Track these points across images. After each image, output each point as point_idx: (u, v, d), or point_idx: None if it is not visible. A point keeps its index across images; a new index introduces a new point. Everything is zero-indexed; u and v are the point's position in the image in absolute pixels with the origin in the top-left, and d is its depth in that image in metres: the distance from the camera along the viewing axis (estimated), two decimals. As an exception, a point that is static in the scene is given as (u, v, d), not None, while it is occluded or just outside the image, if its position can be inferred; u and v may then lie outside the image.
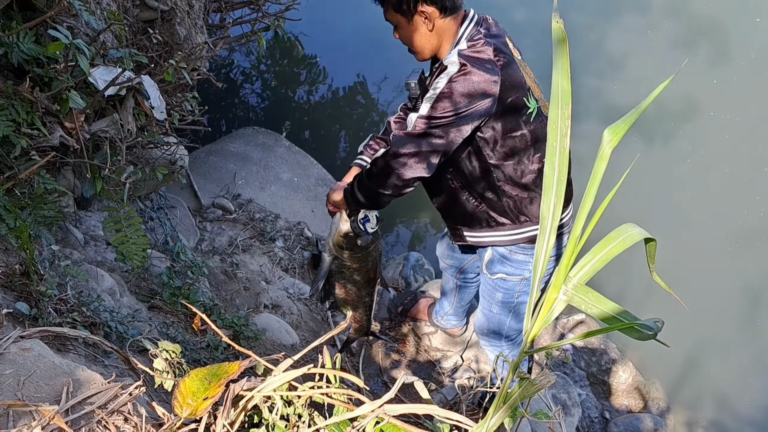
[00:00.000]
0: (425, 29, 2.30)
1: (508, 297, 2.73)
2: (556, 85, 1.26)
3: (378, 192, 2.34)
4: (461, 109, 2.19)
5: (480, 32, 2.29)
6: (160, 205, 3.80)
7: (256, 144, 4.81)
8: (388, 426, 1.37)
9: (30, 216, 2.38)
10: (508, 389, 1.36)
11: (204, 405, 1.38)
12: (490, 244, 2.62)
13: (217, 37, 3.78)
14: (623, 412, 4.14)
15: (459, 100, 2.18)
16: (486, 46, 2.24)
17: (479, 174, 2.43)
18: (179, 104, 3.20)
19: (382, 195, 2.35)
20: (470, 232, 2.64)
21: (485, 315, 2.90)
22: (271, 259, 4.06)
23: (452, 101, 2.18)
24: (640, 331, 1.17)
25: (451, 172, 2.46)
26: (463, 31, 2.30)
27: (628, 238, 1.20)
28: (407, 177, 2.26)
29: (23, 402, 1.43)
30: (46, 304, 2.24)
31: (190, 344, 2.84)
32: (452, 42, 2.32)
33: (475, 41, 2.26)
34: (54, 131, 2.39)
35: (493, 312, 2.84)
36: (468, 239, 2.67)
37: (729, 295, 4.62)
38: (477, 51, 2.23)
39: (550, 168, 1.27)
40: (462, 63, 2.19)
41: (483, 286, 2.83)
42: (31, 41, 2.26)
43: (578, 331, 4.26)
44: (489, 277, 2.71)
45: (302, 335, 3.61)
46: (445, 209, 2.68)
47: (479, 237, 2.63)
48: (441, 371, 3.71)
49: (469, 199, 2.52)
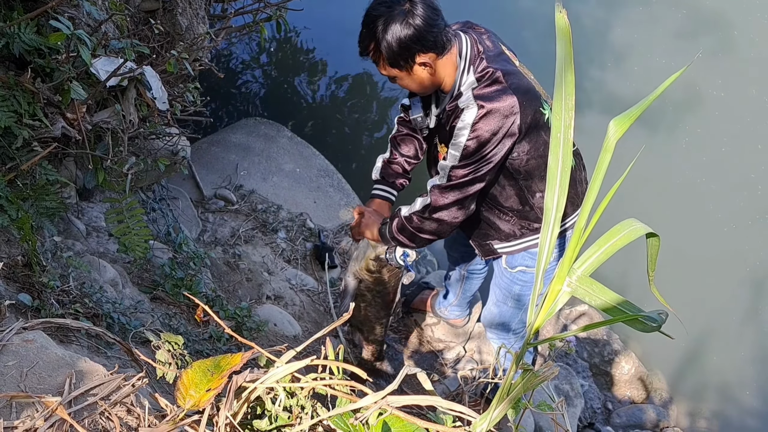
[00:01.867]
0: (426, 74, 2.25)
1: (525, 290, 2.72)
2: (559, 76, 1.26)
3: (423, 238, 2.45)
4: (491, 151, 2.22)
5: (481, 56, 2.25)
6: (162, 196, 3.80)
7: (258, 135, 4.80)
8: (391, 417, 1.37)
9: (32, 207, 2.38)
10: (511, 380, 1.36)
11: (207, 396, 1.37)
12: (524, 249, 2.61)
13: (219, 27, 3.76)
14: (626, 402, 4.15)
15: (487, 143, 2.20)
16: (495, 72, 2.22)
17: (511, 191, 2.44)
18: (181, 95, 3.20)
19: (428, 240, 2.47)
20: (502, 244, 2.63)
21: (498, 308, 2.88)
22: (274, 250, 4.06)
23: (480, 145, 2.20)
24: (644, 323, 1.17)
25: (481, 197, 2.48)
26: (464, 60, 2.25)
27: (631, 233, 1.20)
28: (453, 224, 2.38)
29: (26, 393, 1.43)
30: (48, 295, 2.24)
31: (193, 335, 2.84)
32: (455, 73, 2.27)
33: (483, 71, 2.23)
34: (56, 122, 2.39)
35: (508, 305, 2.82)
36: (499, 251, 2.67)
37: (732, 285, 4.62)
38: (489, 83, 2.21)
39: (554, 159, 1.27)
40: (480, 105, 2.18)
41: (499, 279, 2.80)
42: (32, 32, 2.26)
43: (581, 322, 4.25)
44: (509, 270, 2.69)
45: (305, 326, 3.61)
46: (470, 229, 2.68)
47: (512, 246, 2.62)
48: (444, 362, 3.72)
49: (501, 216, 2.54)
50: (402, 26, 2.11)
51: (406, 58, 2.17)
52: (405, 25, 2.11)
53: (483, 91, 2.20)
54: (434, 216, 2.36)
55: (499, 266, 2.74)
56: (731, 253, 4.73)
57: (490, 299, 2.94)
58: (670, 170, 5.09)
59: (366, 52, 2.24)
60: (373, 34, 2.15)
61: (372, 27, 2.15)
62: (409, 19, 2.10)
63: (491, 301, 2.93)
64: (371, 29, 2.15)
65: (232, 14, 3.94)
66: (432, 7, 2.15)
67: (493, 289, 2.89)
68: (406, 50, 2.15)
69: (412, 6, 2.11)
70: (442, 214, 2.34)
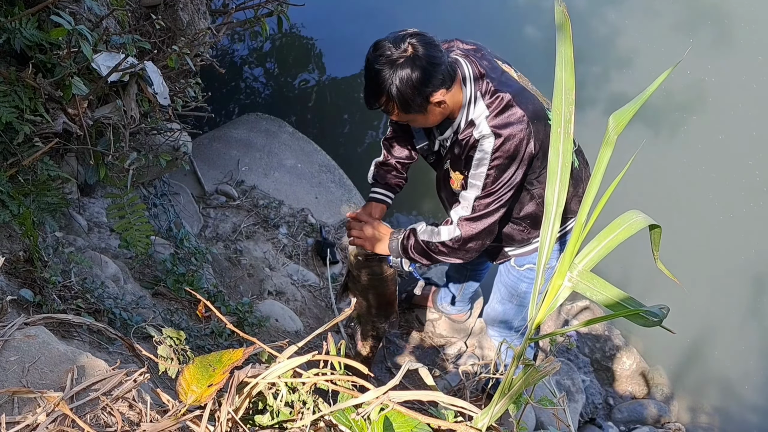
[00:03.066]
0: (439, 110, 2.22)
1: (531, 288, 2.71)
2: (559, 71, 1.25)
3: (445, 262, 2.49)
4: (512, 175, 2.24)
5: (485, 79, 2.23)
6: (164, 191, 3.80)
7: (259, 130, 4.80)
8: (392, 413, 1.37)
9: (33, 203, 2.38)
10: (512, 376, 1.36)
11: (208, 392, 1.38)
12: (534, 250, 2.61)
13: (220, 22, 3.76)
14: (627, 398, 4.15)
15: (507, 169, 2.22)
16: (504, 96, 2.21)
17: (525, 202, 2.45)
18: (182, 90, 3.19)
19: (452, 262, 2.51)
20: (513, 249, 2.65)
21: (502, 305, 2.88)
22: (275, 246, 4.06)
23: (501, 172, 2.22)
24: (645, 318, 1.16)
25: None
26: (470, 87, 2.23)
27: (632, 225, 1.19)
28: (481, 250, 2.43)
29: (28, 389, 1.43)
30: (50, 290, 2.24)
31: (194, 331, 2.84)
32: (462, 103, 2.24)
33: (492, 97, 2.22)
34: (57, 117, 2.39)
35: (513, 303, 2.83)
36: (511, 255, 2.68)
37: (733, 281, 4.62)
38: (501, 109, 2.20)
39: (554, 154, 1.27)
40: (497, 134, 2.18)
41: (505, 276, 2.80)
42: (33, 27, 2.25)
43: (582, 317, 4.25)
44: (516, 268, 2.70)
45: (306, 322, 3.61)
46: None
47: (522, 249, 2.64)
48: (445, 358, 3.72)
49: (514, 227, 2.55)
50: (410, 71, 2.07)
51: (421, 101, 2.14)
52: (413, 69, 2.06)
53: (497, 120, 2.19)
54: (465, 247, 2.38)
55: (506, 264, 2.75)
56: (732, 247, 4.73)
57: (494, 296, 2.94)
58: (669, 161, 5.09)
59: (377, 106, 2.20)
60: (382, 87, 2.11)
61: (379, 80, 2.10)
62: (415, 62, 2.06)
63: (495, 298, 2.93)
64: (379, 82, 2.11)
65: (234, 9, 3.94)
66: (432, 43, 2.11)
67: (497, 287, 2.89)
68: (420, 94, 2.11)
69: (413, 48, 2.07)
70: (472, 244, 2.37)
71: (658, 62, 5.54)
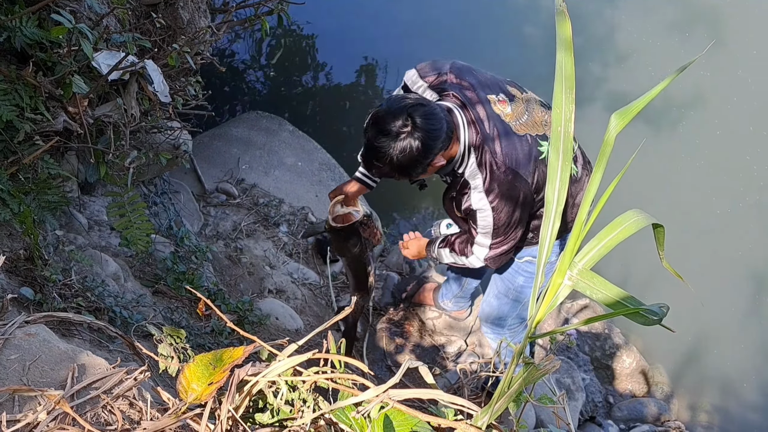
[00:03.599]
0: (438, 166, 2.27)
1: (528, 282, 2.75)
2: (559, 69, 1.25)
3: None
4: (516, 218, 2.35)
5: (477, 132, 2.26)
6: (164, 189, 3.80)
7: (259, 128, 4.80)
8: (392, 411, 1.37)
9: (34, 201, 2.38)
10: (512, 374, 1.36)
11: (209, 390, 1.38)
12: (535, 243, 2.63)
13: (221, 21, 3.76)
14: (627, 396, 4.15)
15: (510, 218, 2.34)
16: (493, 159, 2.26)
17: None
18: (183, 89, 3.19)
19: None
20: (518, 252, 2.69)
21: (498, 300, 2.89)
22: (276, 244, 4.06)
23: (505, 224, 2.35)
24: (645, 317, 1.16)
25: None
26: (463, 141, 2.27)
27: (634, 224, 1.19)
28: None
29: (29, 387, 1.43)
30: (50, 289, 2.24)
31: (195, 329, 2.85)
32: (458, 152, 2.28)
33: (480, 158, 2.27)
34: (57, 116, 2.39)
35: (509, 298, 2.84)
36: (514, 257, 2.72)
37: (733, 280, 4.62)
38: (491, 176, 2.26)
39: (554, 153, 1.27)
40: (492, 207, 2.29)
41: (503, 269, 2.81)
42: (34, 25, 2.25)
43: (582, 315, 4.26)
44: (515, 261, 2.71)
45: (306, 320, 3.61)
46: None
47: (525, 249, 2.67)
48: (445, 356, 3.72)
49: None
50: (412, 144, 2.10)
51: (421, 170, 2.21)
52: (414, 141, 2.10)
53: (490, 187, 2.27)
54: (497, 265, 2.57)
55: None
56: (731, 245, 4.73)
57: (490, 290, 2.95)
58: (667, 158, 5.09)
59: (385, 177, 2.31)
60: (388, 165, 2.16)
61: (384, 158, 2.14)
62: (415, 133, 2.09)
63: (491, 292, 2.94)
64: (384, 160, 2.15)
65: (234, 8, 3.94)
66: (429, 113, 2.14)
67: (494, 281, 2.90)
68: (421, 163, 2.17)
69: (411, 121, 2.10)
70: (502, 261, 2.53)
71: (656, 60, 5.55)
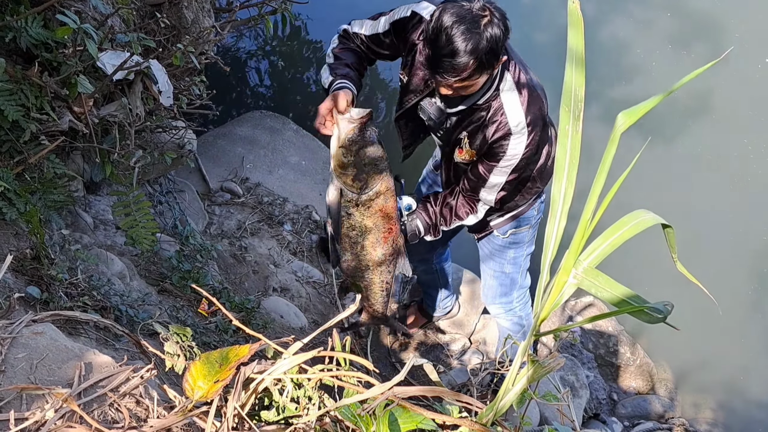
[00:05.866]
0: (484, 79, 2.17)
1: (519, 251, 2.79)
2: (570, 69, 1.25)
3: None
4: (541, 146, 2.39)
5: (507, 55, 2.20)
6: (169, 189, 3.81)
7: (263, 128, 4.80)
8: (397, 408, 1.38)
9: (40, 200, 2.39)
10: (517, 372, 1.37)
11: (215, 388, 1.39)
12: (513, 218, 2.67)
13: (225, 20, 3.76)
14: (631, 393, 4.16)
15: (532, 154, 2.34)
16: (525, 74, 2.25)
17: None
18: (187, 88, 3.20)
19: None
20: (497, 219, 2.68)
21: (496, 279, 2.92)
22: (280, 243, 4.07)
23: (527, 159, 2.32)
24: (649, 315, 1.17)
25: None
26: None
27: (640, 223, 1.20)
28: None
29: (36, 385, 1.44)
30: (57, 288, 2.25)
31: (200, 327, 2.85)
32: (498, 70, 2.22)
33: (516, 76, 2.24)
34: (63, 116, 2.39)
35: (506, 272, 2.88)
36: (493, 226, 2.72)
37: (737, 277, 4.61)
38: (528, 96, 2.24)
39: (561, 151, 1.27)
40: (530, 131, 2.24)
41: (489, 251, 2.85)
42: (39, 26, 2.26)
43: (587, 313, 4.26)
44: (501, 238, 2.74)
45: (311, 318, 3.62)
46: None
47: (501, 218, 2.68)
48: (449, 354, 3.73)
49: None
50: (496, 29, 2.02)
51: (495, 62, 2.10)
52: (497, 27, 2.02)
53: (529, 108, 2.23)
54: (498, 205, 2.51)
55: (488, 237, 2.79)
56: (735, 243, 4.73)
57: (485, 275, 2.98)
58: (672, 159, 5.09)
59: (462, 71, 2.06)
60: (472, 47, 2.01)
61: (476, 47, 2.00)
62: (494, 20, 2.02)
63: (487, 275, 2.96)
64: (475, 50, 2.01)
65: (238, 7, 3.94)
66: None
67: (484, 265, 2.95)
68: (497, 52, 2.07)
69: (489, 12, 2.03)
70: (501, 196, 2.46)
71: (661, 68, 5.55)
